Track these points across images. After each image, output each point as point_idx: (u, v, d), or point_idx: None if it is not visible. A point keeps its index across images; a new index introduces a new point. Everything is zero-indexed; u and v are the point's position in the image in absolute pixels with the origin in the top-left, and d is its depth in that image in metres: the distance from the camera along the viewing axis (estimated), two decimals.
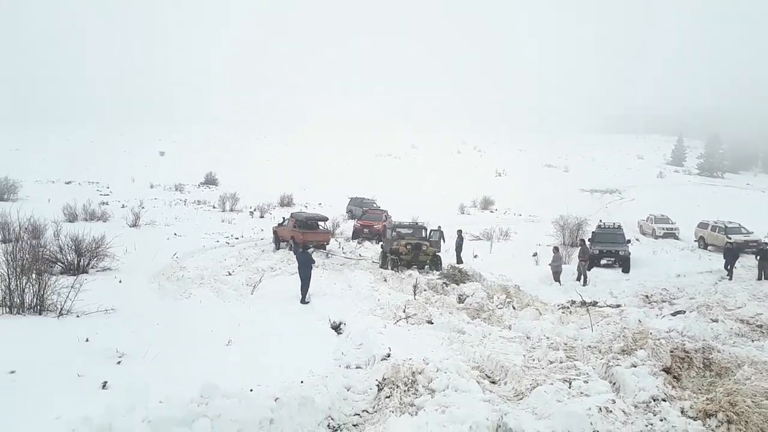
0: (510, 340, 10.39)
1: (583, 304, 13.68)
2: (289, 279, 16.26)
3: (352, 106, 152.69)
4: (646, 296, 17.04)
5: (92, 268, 14.78)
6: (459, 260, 21.66)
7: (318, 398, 6.42)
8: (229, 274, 16.57)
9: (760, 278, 19.23)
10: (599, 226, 24.98)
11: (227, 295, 13.99)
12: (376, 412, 6.74)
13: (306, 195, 44.19)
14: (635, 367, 8.24)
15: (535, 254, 23.42)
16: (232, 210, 34.38)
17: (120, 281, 13.87)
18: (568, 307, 14.23)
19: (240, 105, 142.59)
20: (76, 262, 14.46)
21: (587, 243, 21.27)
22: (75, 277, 11.09)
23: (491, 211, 46.27)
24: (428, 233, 21.32)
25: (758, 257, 19.89)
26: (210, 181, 48.56)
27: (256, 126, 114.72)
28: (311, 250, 17.65)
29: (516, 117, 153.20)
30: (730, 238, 27.15)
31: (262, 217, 33.10)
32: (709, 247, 28.72)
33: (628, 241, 23.38)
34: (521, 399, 7.32)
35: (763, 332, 11.58)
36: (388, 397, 6.89)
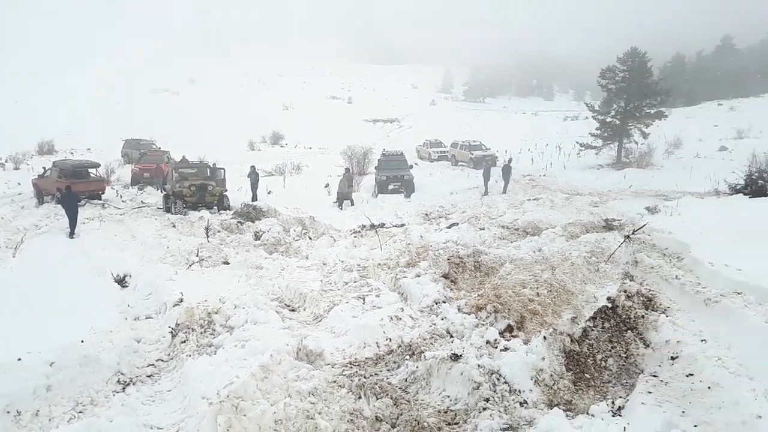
0: (307, 268, 10.67)
1: (372, 226, 14.50)
2: (59, 237, 14.46)
3: (117, 34, 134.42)
4: (426, 214, 18.63)
5: None
6: (254, 197, 21.28)
7: (103, 355, 5.94)
8: None
9: (505, 190, 22.27)
10: (383, 154, 26.27)
11: None
12: (172, 359, 6.47)
13: (71, 140, 38.83)
14: (419, 276, 9.08)
15: (326, 185, 23.98)
16: None
17: None
18: (359, 231, 15.00)
19: None
20: None
21: (351, 171, 22.58)
22: None
23: (282, 146, 45.94)
24: (212, 172, 20.38)
25: (502, 171, 22.89)
26: None
27: None
28: (83, 201, 15.88)
29: (299, 48, 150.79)
30: (472, 154, 31.23)
31: (17, 168, 28.45)
32: (459, 163, 32.79)
33: (411, 167, 25.15)
34: (320, 321, 7.64)
35: (519, 234, 13.56)
36: (184, 342, 6.64)
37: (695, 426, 4.38)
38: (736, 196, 14.12)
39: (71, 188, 15.28)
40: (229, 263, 11.49)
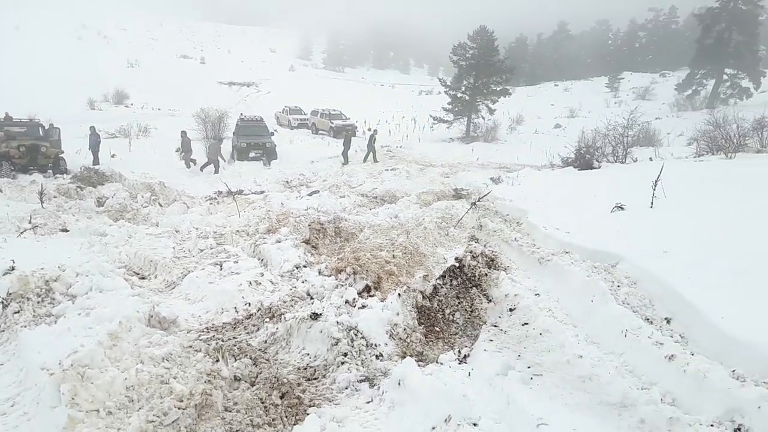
0: (158, 236, 10.10)
1: (230, 193, 14.10)
2: None
3: None
4: (287, 182, 18.52)
5: None
6: (96, 161, 19.54)
7: None
8: None
9: (365, 160, 22.75)
10: (242, 119, 25.28)
11: None
12: (3, 331, 5.84)
13: None
14: (280, 242, 9.06)
15: (178, 149, 22.69)
16: None
17: None
18: (215, 198, 14.52)
19: None
20: None
21: (188, 134, 21.28)
22: None
23: (126, 106, 42.38)
24: (46, 132, 18.37)
25: (368, 141, 23.33)
26: None
27: None
28: None
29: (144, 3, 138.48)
30: (332, 123, 31.53)
31: None
32: (319, 132, 32.87)
33: (272, 133, 24.58)
34: (173, 288, 7.34)
35: (377, 202, 14.05)
36: (18, 312, 6.01)
37: (529, 367, 4.97)
38: (567, 169, 15.73)
39: None
40: (68, 230, 10.52)
